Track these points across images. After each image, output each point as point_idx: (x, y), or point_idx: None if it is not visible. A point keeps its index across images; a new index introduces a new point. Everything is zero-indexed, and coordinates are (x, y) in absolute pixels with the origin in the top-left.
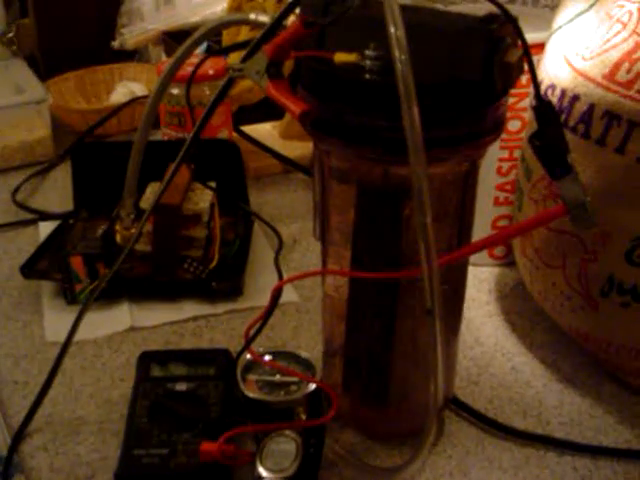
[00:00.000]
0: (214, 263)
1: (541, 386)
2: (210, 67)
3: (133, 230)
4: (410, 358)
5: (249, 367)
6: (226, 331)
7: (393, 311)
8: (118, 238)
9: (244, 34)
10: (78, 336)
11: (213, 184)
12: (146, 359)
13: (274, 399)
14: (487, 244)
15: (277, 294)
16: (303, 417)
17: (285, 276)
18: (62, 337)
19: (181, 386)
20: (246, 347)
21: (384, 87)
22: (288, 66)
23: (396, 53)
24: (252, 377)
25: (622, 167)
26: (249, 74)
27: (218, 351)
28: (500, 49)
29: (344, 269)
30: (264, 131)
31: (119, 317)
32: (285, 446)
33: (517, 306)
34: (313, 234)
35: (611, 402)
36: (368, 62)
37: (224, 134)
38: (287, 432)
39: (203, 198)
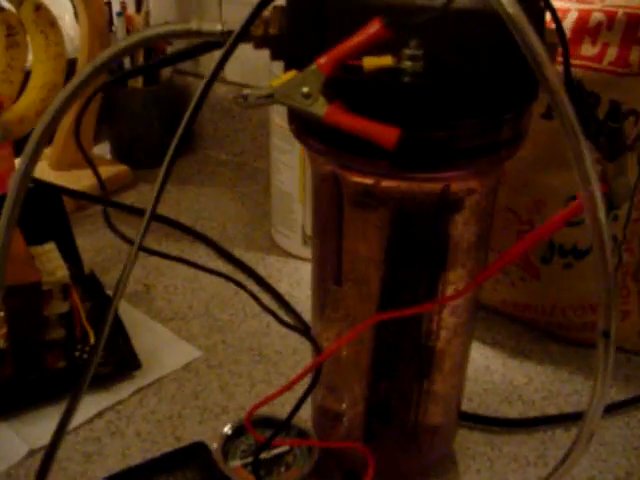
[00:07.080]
0: (92, 339)
1: (501, 367)
2: None
3: None
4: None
5: (227, 451)
6: (147, 417)
7: (430, 349)
8: None
9: None
10: None
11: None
12: None
13: None
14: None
15: (319, 367)
16: None
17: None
18: None
19: None
20: (270, 441)
21: (437, 91)
22: None
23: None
24: (235, 463)
25: (548, 133)
26: (288, 100)
27: (191, 448)
28: None
29: (370, 309)
30: None
31: (5, 445)
32: None
33: None
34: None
35: (568, 361)
36: (408, 63)
37: None
38: None
39: (53, 264)
